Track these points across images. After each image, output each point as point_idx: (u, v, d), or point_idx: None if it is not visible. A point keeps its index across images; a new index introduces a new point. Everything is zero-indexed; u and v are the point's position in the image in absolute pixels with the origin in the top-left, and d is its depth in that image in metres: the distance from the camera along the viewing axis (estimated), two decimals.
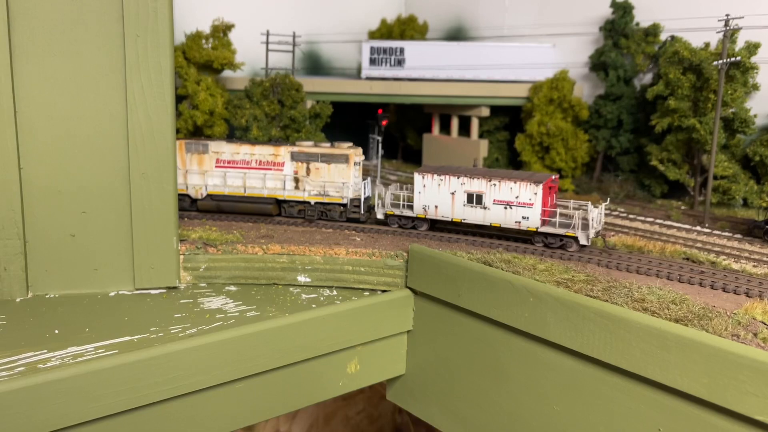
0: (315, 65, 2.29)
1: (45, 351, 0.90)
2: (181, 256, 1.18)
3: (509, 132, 2.05)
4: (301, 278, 1.21)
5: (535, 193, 1.22)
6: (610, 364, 0.87)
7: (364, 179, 1.44)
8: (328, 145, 1.46)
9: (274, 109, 1.63)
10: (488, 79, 1.95)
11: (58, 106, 1.06)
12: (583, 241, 1.18)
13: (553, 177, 1.29)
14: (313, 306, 1.11)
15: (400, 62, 1.97)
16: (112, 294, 1.14)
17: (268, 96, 1.63)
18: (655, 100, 1.63)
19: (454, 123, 2.06)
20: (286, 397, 1.07)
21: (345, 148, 1.44)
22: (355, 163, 1.42)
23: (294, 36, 1.74)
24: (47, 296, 1.11)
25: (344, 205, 1.41)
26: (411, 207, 1.34)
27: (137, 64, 1.08)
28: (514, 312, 0.98)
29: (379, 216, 1.38)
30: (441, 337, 1.14)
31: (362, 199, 1.41)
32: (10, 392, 0.81)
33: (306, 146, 1.44)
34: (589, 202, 1.24)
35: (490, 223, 1.26)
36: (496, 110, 2.00)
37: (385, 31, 2.28)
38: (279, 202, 1.44)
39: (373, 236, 1.29)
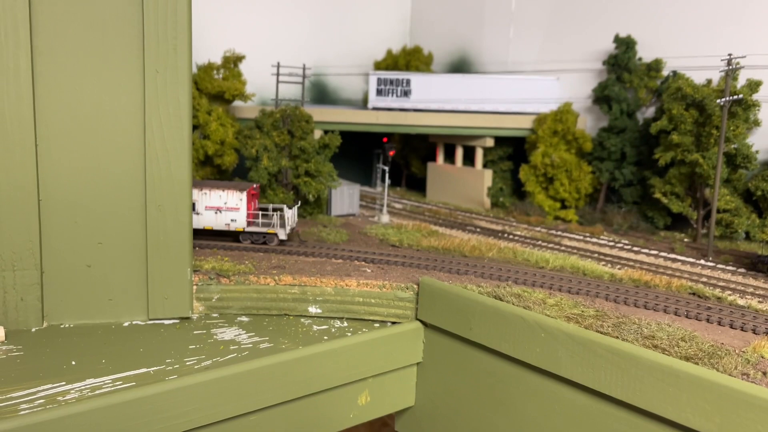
0: (321, 94, 2.33)
1: (63, 383, 0.91)
2: (194, 287, 1.20)
3: (513, 162, 2.08)
4: (312, 309, 1.22)
5: (241, 199, 1.44)
6: (622, 400, 0.89)
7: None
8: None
9: (284, 140, 1.66)
10: (493, 110, 1.99)
11: (78, 139, 1.09)
12: (282, 237, 1.43)
13: (255, 186, 1.51)
14: (325, 338, 1.12)
15: (406, 93, 2.01)
16: (126, 324, 1.15)
17: (278, 126, 1.65)
18: (658, 134, 1.66)
19: (459, 153, 2.09)
20: (298, 430, 1.08)
21: None
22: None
23: (304, 68, 1.77)
24: (62, 326, 1.12)
25: None
26: None
27: (156, 100, 1.10)
28: (525, 347, 1.00)
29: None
30: (451, 369, 1.15)
31: None
32: (30, 426, 0.82)
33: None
34: (285, 205, 1.46)
35: (203, 226, 1.44)
36: (500, 141, 2.04)
37: (390, 62, 2.32)
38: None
39: (383, 268, 1.30)
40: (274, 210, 1.49)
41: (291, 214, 1.45)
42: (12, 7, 1.01)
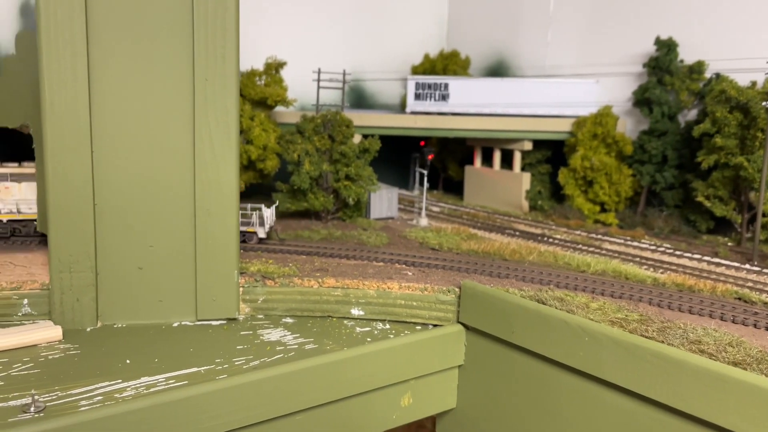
0: (359, 99, 2.35)
1: (120, 381, 0.95)
2: (241, 289, 1.23)
3: (551, 165, 2.07)
4: (355, 311, 1.24)
5: None
6: (667, 405, 0.89)
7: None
8: (16, 164, 1.47)
9: (325, 144, 1.69)
10: (532, 114, 1.98)
11: (131, 145, 1.13)
12: (261, 235, 1.46)
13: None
14: (368, 340, 1.14)
15: (444, 97, 2.02)
16: (175, 324, 1.19)
17: (319, 131, 1.68)
18: (701, 137, 1.65)
19: (497, 156, 2.09)
20: (343, 430, 1.10)
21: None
22: None
23: (344, 73, 1.80)
24: (115, 326, 1.16)
25: None
26: None
27: (205, 107, 1.13)
28: (568, 350, 1.00)
29: None
30: (492, 372, 1.16)
31: None
32: (90, 422, 0.86)
33: None
34: (263, 205, 1.51)
35: None
36: (538, 144, 2.03)
37: (428, 66, 2.34)
38: None
39: (424, 271, 1.32)
40: (253, 210, 1.51)
41: (269, 213, 1.50)
42: (70, 19, 1.05)
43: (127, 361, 1.02)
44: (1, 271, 1.22)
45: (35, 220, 1.41)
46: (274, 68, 1.76)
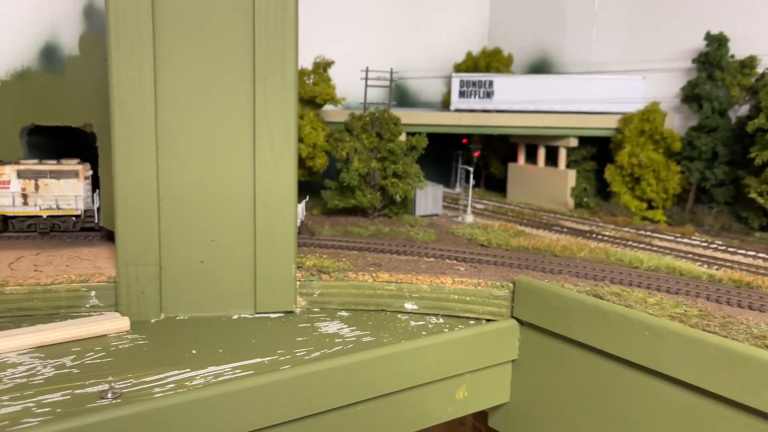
0: (402, 97, 2.37)
1: (188, 370, 0.98)
2: (297, 282, 1.26)
3: (596, 162, 2.06)
4: (408, 306, 1.26)
5: None
6: (731, 399, 0.89)
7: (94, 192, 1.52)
8: (55, 161, 1.51)
9: (373, 142, 1.71)
10: (577, 110, 1.98)
11: (193, 143, 1.16)
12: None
13: None
14: (424, 333, 1.16)
15: (489, 94, 2.02)
16: (235, 317, 1.22)
17: (367, 129, 1.70)
18: (754, 133, 1.62)
19: (541, 153, 2.09)
20: (400, 421, 1.12)
21: (74, 164, 1.50)
22: (85, 178, 1.50)
23: (391, 72, 1.82)
24: (177, 318, 1.20)
25: (78, 216, 1.49)
26: None
27: (265, 104, 1.16)
28: (627, 345, 1.00)
29: None
30: (547, 366, 1.17)
31: (95, 210, 1.49)
32: (164, 408, 0.89)
33: (31, 164, 1.48)
34: None
35: None
36: (583, 141, 2.03)
37: (470, 64, 2.34)
38: (5, 219, 1.48)
39: (476, 267, 1.33)
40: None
41: (300, 209, 1.49)
42: (138, 21, 1.09)
43: (193, 351, 1.05)
44: (69, 264, 1.27)
45: (74, 216, 1.47)
46: (322, 67, 1.79)
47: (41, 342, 1.04)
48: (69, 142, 1.63)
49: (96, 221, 1.49)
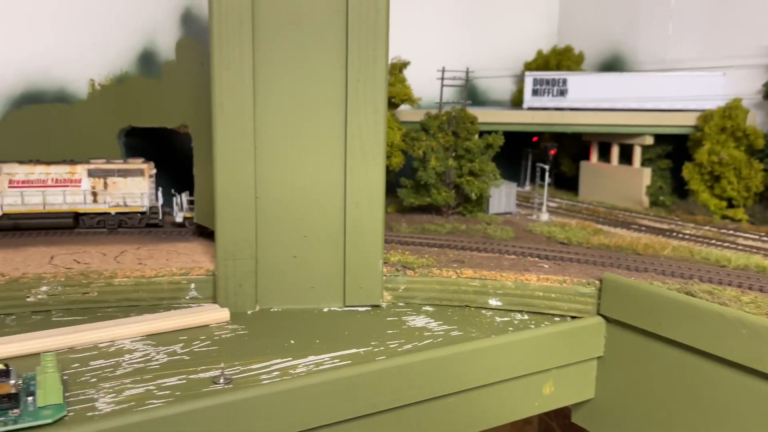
0: (471, 96, 2.38)
1: (290, 358, 1.03)
2: (383, 278, 1.29)
3: (672, 160, 2.03)
4: (493, 302, 1.28)
5: None
6: None
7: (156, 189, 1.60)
8: (122, 161, 1.57)
9: (449, 141, 1.74)
10: (653, 108, 1.96)
11: (288, 143, 1.21)
12: None
13: None
14: (510, 329, 1.18)
15: (562, 92, 2.02)
16: (325, 310, 1.27)
17: (443, 128, 1.73)
18: None
19: (615, 151, 2.08)
20: (489, 413, 1.14)
21: (139, 162, 1.56)
22: (150, 176, 1.56)
23: (467, 71, 1.84)
24: (272, 310, 1.26)
25: (143, 213, 1.55)
26: None
27: (356, 106, 1.21)
28: (723, 343, 1.00)
29: (178, 220, 1.57)
30: (634, 363, 1.17)
31: (159, 207, 1.57)
32: (271, 394, 0.94)
33: (101, 163, 1.55)
34: None
35: None
36: (659, 139, 2.00)
37: (541, 62, 2.34)
38: (77, 216, 1.54)
39: (560, 264, 1.34)
40: None
41: None
42: (239, 27, 1.14)
43: (292, 342, 1.10)
44: (169, 258, 1.34)
45: (139, 212, 1.56)
46: (398, 68, 1.83)
47: (152, 330, 1.11)
48: (158, 143, 1.72)
49: (160, 217, 1.58)
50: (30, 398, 0.84)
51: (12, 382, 0.82)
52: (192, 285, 1.26)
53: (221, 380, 0.94)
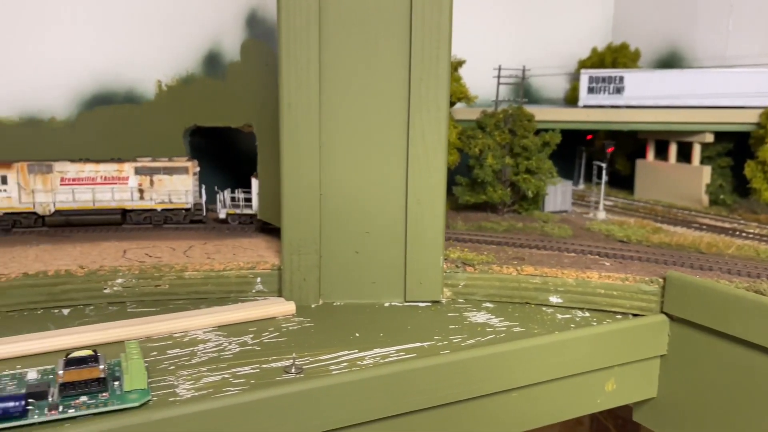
0: (525, 94, 2.38)
1: (357, 350, 1.06)
2: (443, 274, 1.31)
3: (732, 158, 1.99)
4: (553, 299, 1.29)
5: None
6: None
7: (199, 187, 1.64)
8: (167, 159, 1.60)
9: (505, 138, 1.74)
10: (713, 105, 1.92)
11: (352, 141, 1.24)
12: None
13: None
14: (572, 326, 1.18)
15: (618, 90, 2.00)
16: (387, 305, 1.29)
17: (500, 126, 1.74)
18: None
19: (672, 149, 2.04)
20: (553, 408, 1.15)
21: (184, 161, 1.59)
22: (193, 173, 1.61)
23: (524, 69, 1.84)
24: (334, 304, 1.29)
25: (188, 209, 1.60)
26: (250, 206, 1.59)
27: (419, 104, 1.22)
28: None
29: (221, 216, 1.61)
30: (699, 362, 1.16)
31: (203, 203, 1.62)
32: (342, 384, 0.97)
33: (147, 161, 1.59)
34: None
35: None
36: (719, 136, 1.96)
37: (595, 60, 2.32)
38: (125, 212, 1.58)
39: (621, 262, 1.33)
40: None
41: None
42: (306, 28, 1.18)
43: (357, 334, 1.13)
44: (235, 253, 1.38)
45: (184, 209, 1.61)
46: (454, 67, 1.84)
47: (222, 321, 1.16)
48: (220, 142, 1.77)
49: (203, 214, 1.63)
50: (116, 383, 0.89)
51: (101, 366, 0.86)
52: (258, 279, 1.30)
53: (293, 370, 0.98)
